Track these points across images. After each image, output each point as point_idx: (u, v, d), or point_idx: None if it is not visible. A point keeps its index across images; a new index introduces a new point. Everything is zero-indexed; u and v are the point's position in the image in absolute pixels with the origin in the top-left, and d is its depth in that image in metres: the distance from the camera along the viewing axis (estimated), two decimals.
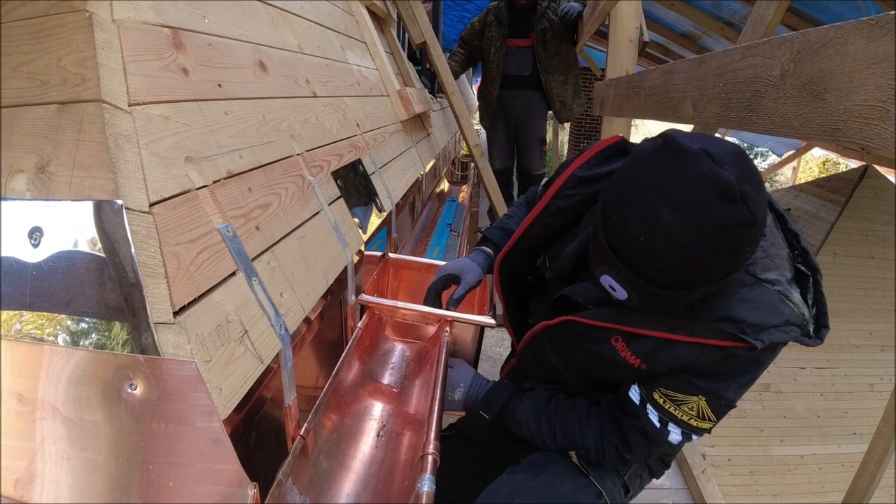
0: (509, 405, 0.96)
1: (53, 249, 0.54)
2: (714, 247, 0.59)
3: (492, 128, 3.53)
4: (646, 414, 0.80)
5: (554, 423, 0.90)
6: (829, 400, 2.93)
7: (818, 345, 0.76)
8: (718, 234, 0.58)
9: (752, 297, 0.72)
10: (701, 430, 0.79)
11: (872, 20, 0.81)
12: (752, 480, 2.80)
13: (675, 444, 0.81)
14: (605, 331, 0.80)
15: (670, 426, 0.79)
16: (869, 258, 2.87)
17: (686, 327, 0.72)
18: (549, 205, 0.91)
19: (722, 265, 0.61)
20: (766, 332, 0.71)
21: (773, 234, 0.76)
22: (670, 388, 0.78)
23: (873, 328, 2.94)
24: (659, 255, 0.61)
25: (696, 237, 0.58)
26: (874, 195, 2.79)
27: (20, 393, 0.53)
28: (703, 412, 0.77)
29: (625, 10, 2.16)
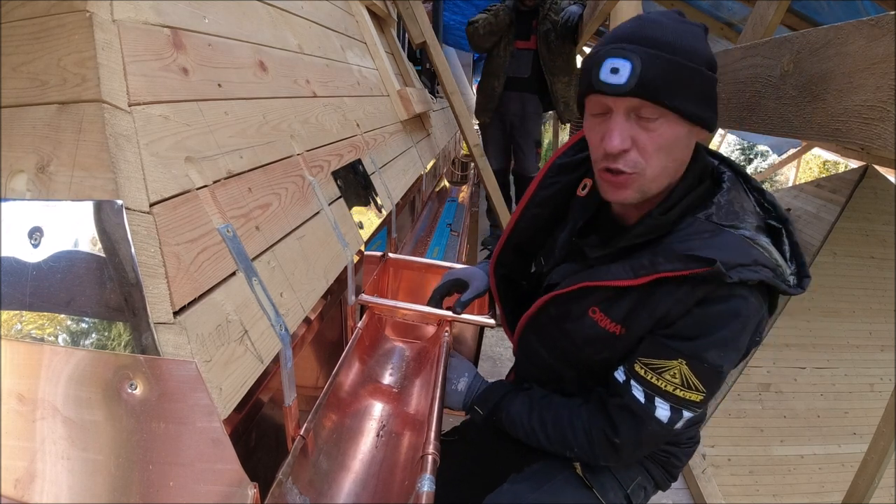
0: (503, 402, 0.95)
1: (53, 249, 0.54)
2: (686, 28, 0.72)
3: (488, 128, 3.53)
4: (629, 390, 0.78)
5: (546, 417, 0.89)
6: (829, 400, 2.93)
7: (800, 293, 0.75)
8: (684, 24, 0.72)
9: (715, 242, 0.72)
10: (690, 403, 0.75)
11: (872, 20, 0.81)
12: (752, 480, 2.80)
13: (664, 421, 0.77)
14: (581, 301, 0.82)
15: (656, 400, 0.76)
16: (869, 258, 2.86)
17: (648, 267, 0.74)
18: (533, 195, 0.95)
19: (697, 45, 0.71)
20: (734, 271, 0.69)
21: (735, 190, 0.78)
22: (649, 354, 0.76)
23: (873, 328, 2.94)
24: (657, 25, 0.71)
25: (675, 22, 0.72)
26: (874, 195, 2.79)
27: (20, 393, 0.53)
28: (686, 379, 0.74)
29: (625, 10, 2.16)
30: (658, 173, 0.74)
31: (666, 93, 0.70)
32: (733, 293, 0.71)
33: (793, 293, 0.74)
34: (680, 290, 0.73)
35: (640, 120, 0.72)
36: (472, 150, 2.94)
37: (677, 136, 0.72)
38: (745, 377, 2.81)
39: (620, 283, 0.76)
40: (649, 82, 0.70)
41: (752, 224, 0.75)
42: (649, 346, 0.77)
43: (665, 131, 0.72)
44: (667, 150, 0.73)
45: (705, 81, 0.71)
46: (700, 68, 0.71)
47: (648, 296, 0.75)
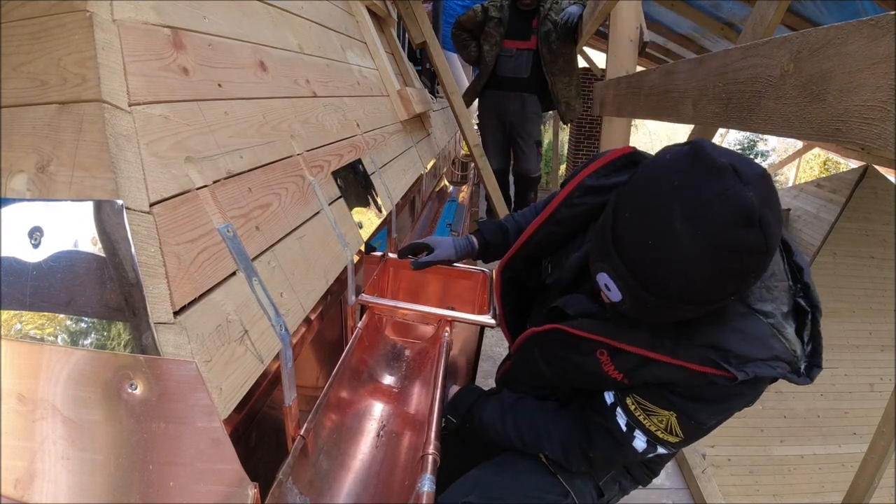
0: (474, 408, 0.96)
1: (53, 249, 0.54)
2: (720, 268, 0.58)
3: (487, 128, 3.53)
4: (614, 416, 0.80)
5: (520, 422, 0.90)
6: (829, 400, 2.93)
7: (807, 384, 0.73)
8: (728, 257, 0.57)
9: (743, 328, 0.69)
10: (666, 444, 0.78)
11: (872, 20, 0.81)
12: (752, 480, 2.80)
13: (638, 451, 0.80)
14: (592, 343, 0.79)
15: (636, 432, 0.79)
16: (869, 258, 2.87)
17: (669, 348, 0.71)
18: (555, 212, 0.90)
19: (724, 288, 0.61)
20: (752, 365, 0.68)
21: (776, 265, 0.72)
22: (645, 397, 0.77)
23: (873, 328, 2.94)
24: (663, 263, 0.60)
25: (705, 254, 0.57)
26: (874, 195, 2.79)
27: (20, 393, 0.53)
28: (671, 427, 0.76)
29: (625, 10, 2.16)
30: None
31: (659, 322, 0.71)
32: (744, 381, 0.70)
33: (800, 384, 0.72)
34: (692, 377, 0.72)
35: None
36: (472, 150, 2.94)
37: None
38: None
39: (638, 351, 0.74)
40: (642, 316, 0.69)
41: (781, 310, 0.71)
42: (648, 390, 0.77)
43: None
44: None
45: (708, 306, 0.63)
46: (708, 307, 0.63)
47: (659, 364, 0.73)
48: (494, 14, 3.21)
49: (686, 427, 0.76)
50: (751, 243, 0.57)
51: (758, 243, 0.57)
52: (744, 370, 0.68)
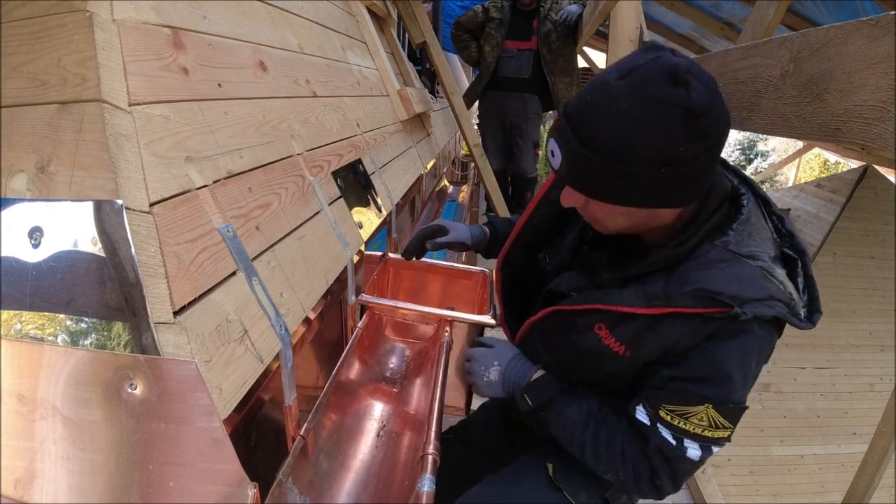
0: (557, 400, 0.86)
1: (53, 249, 0.54)
2: (643, 118, 0.61)
3: (487, 128, 3.53)
4: (658, 433, 0.76)
5: (600, 435, 0.82)
6: (829, 400, 2.93)
7: (809, 328, 0.74)
8: (652, 107, 0.61)
9: (730, 272, 0.70)
10: (719, 440, 0.74)
11: (872, 20, 0.81)
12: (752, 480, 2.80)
13: (695, 459, 0.75)
14: (588, 317, 0.80)
15: (686, 441, 0.75)
16: (869, 258, 2.86)
17: (662, 298, 0.73)
18: (547, 193, 0.93)
19: (649, 143, 0.62)
20: (748, 305, 0.67)
21: (755, 215, 0.76)
22: (673, 402, 0.75)
23: (873, 328, 2.94)
24: (595, 112, 0.64)
25: (632, 103, 0.61)
26: (874, 195, 2.79)
27: (20, 393, 0.53)
28: (713, 420, 0.73)
29: (625, 10, 2.16)
30: (621, 228, 0.76)
31: (591, 190, 0.70)
32: (746, 328, 0.70)
33: (803, 328, 0.73)
34: (691, 324, 0.71)
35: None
36: (472, 150, 2.94)
37: (623, 210, 0.71)
38: None
39: (633, 310, 0.74)
40: (574, 179, 0.70)
41: (768, 254, 0.73)
42: (672, 394, 0.75)
43: (608, 207, 0.71)
44: (622, 217, 0.73)
45: (644, 179, 0.64)
46: (636, 171, 0.64)
47: (658, 324, 0.73)
48: (495, 15, 3.22)
49: (727, 413, 0.72)
50: (674, 97, 0.60)
51: (681, 98, 0.60)
52: (741, 311, 0.68)
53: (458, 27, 3.38)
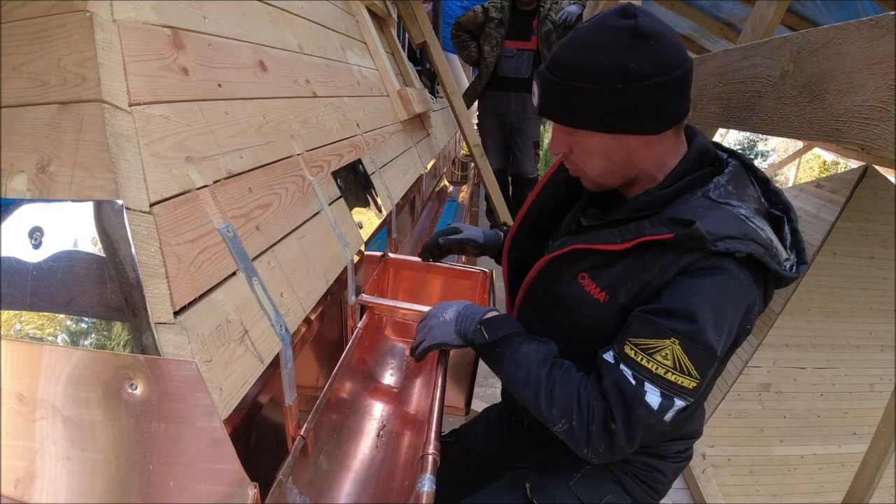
0: (516, 337, 0.84)
1: (54, 249, 0.54)
2: (597, 41, 0.72)
3: (487, 128, 3.53)
4: (620, 371, 0.73)
5: (556, 375, 0.79)
6: (829, 400, 2.93)
7: (793, 277, 0.74)
8: (605, 33, 0.71)
9: (708, 214, 0.71)
10: (682, 389, 0.70)
11: (872, 20, 0.81)
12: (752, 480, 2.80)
13: (654, 407, 0.71)
14: (572, 267, 0.83)
15: (646, 385, 0.71)
16: (869, 258, 2.86)
17: (634, 231, 0.75)
18: (552, 175, 0.97)
19: (601, 60, 0.71)
20: (723, 241, 0.68)
21: (740, 176, 0.78)
22: (640, 335, 0.72)
23: (873, 328, 2.94)
24: (562, 48, 0.75)
25: (588, 33, 0.73)
26: (874, 195, 2.79)
27: (20, 393, 0.53)
28: (679, 361, 0.69)
29: None
30: (601, 173, 0.80)
31: (560, 115, 0.78)
32: (720, 265, 0.69)
33: (784, 274, 0.72)
34: (665, 258, 0.72)
35: (564, 132, 0.79)
36: (472, 150, 2.94)
37: (601, 144, 0.76)
38: (745, 377, 2.81)
39: (608, 246, 0.77)
40: (548, 107, 0.79)
41: (750, 206, 0.75)
42: (640, 325, 0.73)
43: (585, 142, 0.77)
44: (599, 156, 0.78)
45: (604, 97, 0.71)
46: (594, 88, 0.71)
47: (635, 264, 0.75)
48: (495, 15, 3.22)
49: (694, 355, 0.69)
50: (622, 23, 0.70)
51: (628, 23, 0.70)
52: (716, 245, 0.68)
53: (457, 27, 3.38)
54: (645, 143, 0.75)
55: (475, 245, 1.19)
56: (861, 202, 2.78)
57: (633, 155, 0.77)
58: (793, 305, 2.75)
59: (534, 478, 0.91)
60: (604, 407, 0.73)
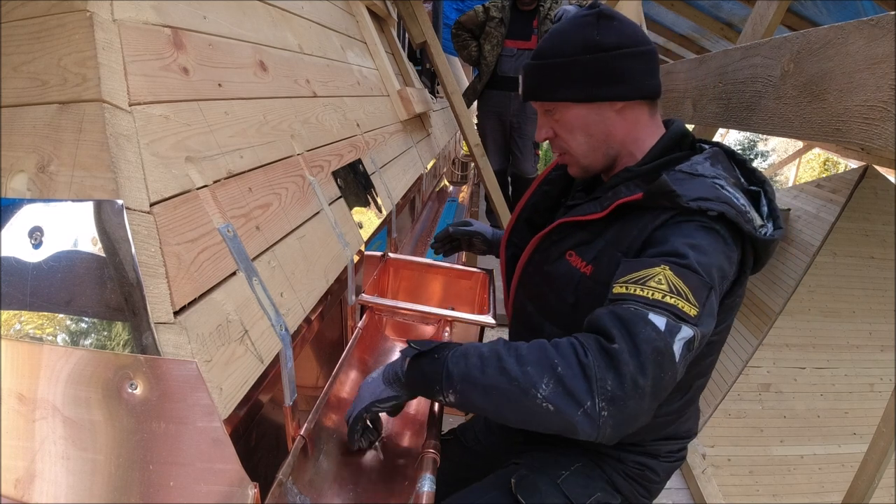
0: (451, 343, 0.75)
1: (54, 249, 0.54)
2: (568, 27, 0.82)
3: (487, 128, 3.53)
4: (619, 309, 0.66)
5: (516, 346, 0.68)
6: (829, 400, 2.93)
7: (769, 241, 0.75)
8: (573, 19, 0.83)
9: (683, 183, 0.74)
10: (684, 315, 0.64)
11: (872, 20, 0.81)
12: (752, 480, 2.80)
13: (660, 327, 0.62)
14: (559, 244, 0.87)
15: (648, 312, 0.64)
16: (869, 258, 2.86)
17: (611, 198, 0.80)
18: (548, 174, 1.03)
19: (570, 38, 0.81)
20: (695, 201, 0.71)
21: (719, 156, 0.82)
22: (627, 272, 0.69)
23: (873, 328, 2.94)
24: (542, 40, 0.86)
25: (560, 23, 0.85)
26: (874, 195, 2.79)
27: (20, 393, 0.53)
28: (673, 285, 0.65)
29: (625, 10, 2.16)
30: (585, 151, 0.86)
31: (541, 92, 0.86)
32: (693, 218, 0.72)
33: (759, 237, 0.74)
34: (642, 220, 0.76)
35: (547, 114, 0.87)
36: (473, 150, 2.94)
37: (579, 116, 0.83)
38: (744, 377, 2.82)
39: (589, 216, 0.82)
40: (529, 90, 0.87)
41: (728, 180, 0.77)
42: (626, 265, 0.71)
43: (565, 117, 0.84)
44: (579, 130, 0.84)
45: (576, 67, 0.80)
46: (566, 60, 0.81)
47: (616, 233, 0.79)
48: (495, 14, 3.22)
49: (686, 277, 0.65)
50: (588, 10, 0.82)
51: (593, 11, 0.81)
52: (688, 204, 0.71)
53: (458, 26, 3.38)
54: (619, 113, 0.82)
55: (483, 240, 1.25)
56: (861, 202, 2.78)
57: (610, 126, 0.83)
58: (793, 305, 2.75)
59: (520, 473, 0.90)
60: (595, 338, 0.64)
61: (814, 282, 2.79)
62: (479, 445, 1.12)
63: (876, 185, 2.81)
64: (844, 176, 2.94)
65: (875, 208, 2.82)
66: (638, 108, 0.83)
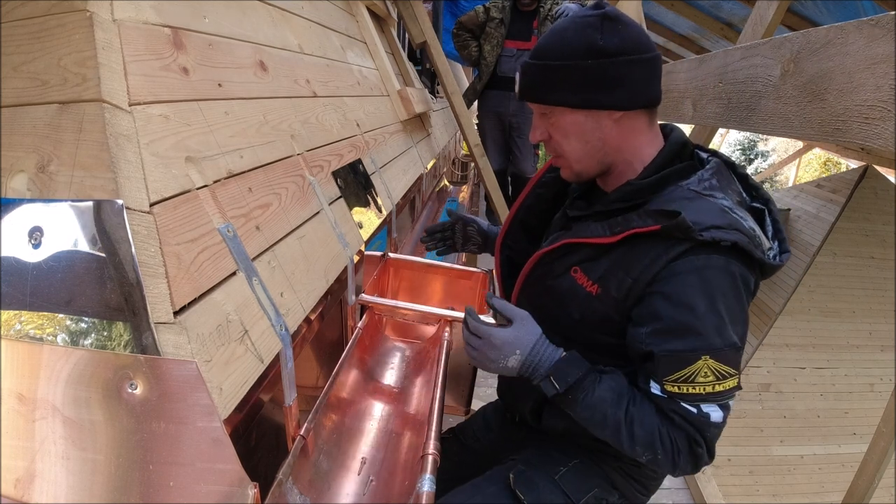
0: (586, 380, 0.80)
1: (54, 249, 0.54)
2: (570, 26, 0.79)
3: (487, 128, 3.53)
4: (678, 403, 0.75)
5: (634, 413, 0.77)
6: (829, 400, 2.93)
7: (777, 266, 0.76)
8: (577, 19, 0.79)
9: (692, 205, 0.74)
10: (731, 391, 0.73)
11: (872, 20, 0.81)
12: (752, 480, 2.80)
13: (720, 422, 0.74)
14: (563, 259, 0.85)
15: (704, 407, 0.74)
16: (869, 258, 2.86)
17: (622, 224, 0.78)
18: (542, 176, 1.02)
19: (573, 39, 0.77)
20: (709, 231, 0.70)
21: (721, 170, 0.81)
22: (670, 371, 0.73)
23: (873, 328, 2.94)
24: (542, 37, 0.82)
25: (563, 21, 0.80)
26: (874, 195, 2.79)
27: (20, 393, 0.53)
28: (717, 371, 0.72)
29: (625, 10, 2.16)
30: (579, 156, 0.83)
31: (537, 93, 0.82)
32: (710, 263, 0.72)
33: (768, 262, 0.74)
34: (654, 250, 0.74)
35: (543, 116, 0.84)
36: (473, 150, 2.94)
37: (575, 122, 0.81)
38: (744, 377, 2.81)
39: (598, 240, 0.79)
40: (526, 89, 0.84)
41: (733, 199, 0.77)
42: (666, 364, 0.74)
43: (561, 121, 0.82)
44: (575, 136, 0.82)
45: (576, 71, 0.77)
46: (566, 63, 0.78)
47: (625, 255, 0.77)
48: (496, 14, 3.22)
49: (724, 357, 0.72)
50: (592, 11, 0.78)
51: (598, 11, 0.77)
52: (701, 235, 0.70)
53: (459, 27, 3.38)
54: (617, 122, 0.79)
55: (478, 230, 1.24)
56: (861, 202, 2.78)
57: (606, 134, 0.80)
58: (793, 305, 2.75)
59: (518, 469, 0.91)
60: (685, 436, 0.75)
61: (814, 282, 2.79)
62: (477, 444, 1.12)
63: (876, 185, 2.81)
64: (844, 176, 2.94)
65: (875, 208, 2.82)
66: (637, 117, 0.80)
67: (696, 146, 0.88)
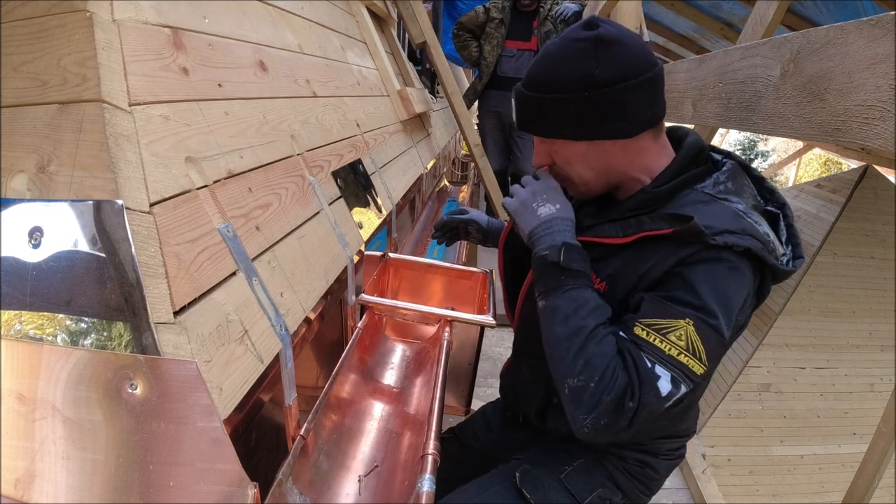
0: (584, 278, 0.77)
1: (54, 249, 0.54)
2: (563, 53, 0.75)
3: (487, 128, 3.54)
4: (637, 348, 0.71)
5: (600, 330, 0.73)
6: (829, 400, 2.93)
7: (790, 272, 0.75)
8: (569, 44, 0.75)
9: (706, 210, 0.73)
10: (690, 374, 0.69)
11: (872, 20, 0.81)
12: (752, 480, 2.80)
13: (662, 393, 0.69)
14: None
15: (658, 367, 0.69)
16: (869, 258, 2.86)
17: (635, 227, 0.76)
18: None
19: (567, 70, 0.74)
20: (721, 235, 0.69)
21: (737, 173, 0.79)
22: (651, 315, 0.71)
23: (873, 328, 2.94)
24: (534, 65, 0.79)
25: (555, 47, 0.76)
26: (874, 195, 2.79)
27: (20, 393, 0.53)
28: (692, 343, 0.69)
29: (625, 10, 2.16)
30: (585, 181, 0.82)
31: (535, 127, 0.81)
32: (720, 257, 0.70)
33: (781, 268, 0.74)
34: (665, 249, 0.73)
35: (544, 143, 0.82)
36: (472, 150, 2.94)
37: (578, 153, 0.79)
38: (744, 377, 2.81)
39: (610, 240, 0.78)
40: (522, 120, 0.82)
41: (748, 202, 0.76)
42: (652, 306, 0.71)
43: (563, 151, 0.80)
44: (578, 163, 0.80)
45: (573, 105, 0.74)
46: (562, 97, 0.75)
47: (635, 256, 0.76)
48: (496, 14, 3.23)
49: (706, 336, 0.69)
50: (585, 34, 0.74)
51: (590, 34, 0.73)
52: (714, 239, 0.69)
53: (459, 27, 3.39)
54: (622, 147, 0.77)
55: (478, 228, 1.21)
56: (861, 202, 2.78)
57: (611, 159, 0.78)
58: (793, 305, 2.75)
59: (524, 468, 0.92)
60: (626, 383, 0.69)
61: (814, 282, 2.79)
62: (478, 443, 1.12)
63: (876, 185, 2.81)
64: (844, 176, 2.94)
65: (875, 208, 2.82)
66: (642, 138, 0.77)
67: (712, 148, 0.86)
